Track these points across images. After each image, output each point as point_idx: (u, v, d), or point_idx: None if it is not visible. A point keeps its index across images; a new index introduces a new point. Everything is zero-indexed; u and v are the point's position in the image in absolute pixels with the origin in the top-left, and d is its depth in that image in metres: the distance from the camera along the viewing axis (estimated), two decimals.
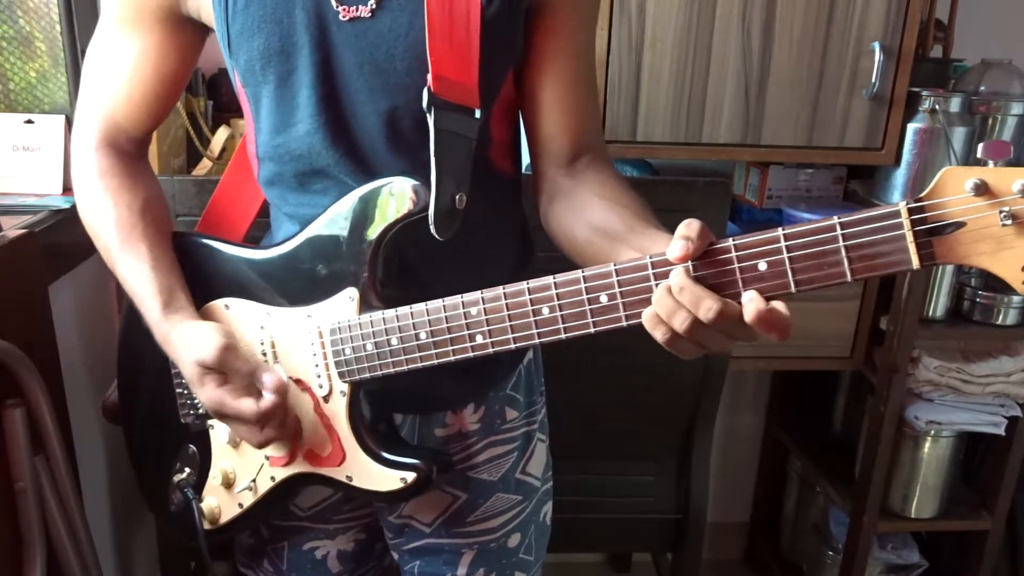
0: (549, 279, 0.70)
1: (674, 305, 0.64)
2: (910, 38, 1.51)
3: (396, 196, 0.78)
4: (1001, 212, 0.55)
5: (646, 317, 0.66)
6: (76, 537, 1.10)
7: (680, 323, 0.63)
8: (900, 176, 1.62)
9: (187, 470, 0.94)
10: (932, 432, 1.69)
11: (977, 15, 1.80)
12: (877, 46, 1.50)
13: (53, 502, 1.06)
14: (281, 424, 0.83)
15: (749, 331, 0.63)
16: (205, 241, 0.92)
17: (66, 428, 1.15)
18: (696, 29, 1.49)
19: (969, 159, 1.58)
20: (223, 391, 0.81)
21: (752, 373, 2.12)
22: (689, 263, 0.64)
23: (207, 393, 0.82)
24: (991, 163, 0.57)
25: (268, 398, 0.81)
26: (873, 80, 1.52)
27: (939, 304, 1.63)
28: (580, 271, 0.69)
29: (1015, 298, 1.60)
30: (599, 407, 1.53)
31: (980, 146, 0.58)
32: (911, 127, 1.58)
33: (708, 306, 0.62)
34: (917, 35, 1.52)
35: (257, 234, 1.01)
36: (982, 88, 1.65)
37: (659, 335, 0.66)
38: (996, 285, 1.63)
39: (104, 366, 1.49)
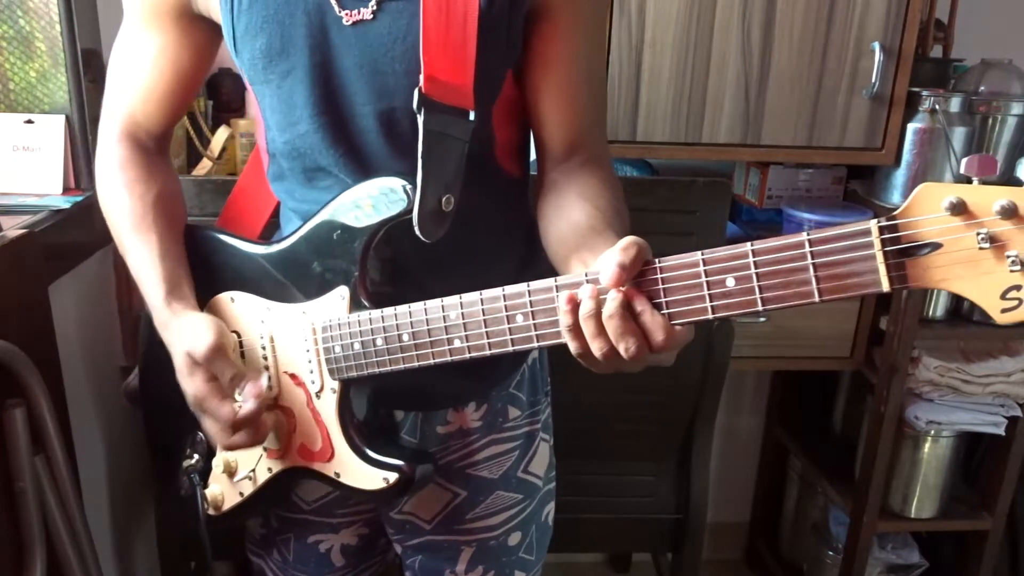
0: (523, 286, 0.69)
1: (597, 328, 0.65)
2: (910, 38, 1.51)
3: (382, 197, 0.78)
4: (979, 234, 0.51)
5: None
6: (76, 537, 1.10)
7: (598, 348, 0.65)
8: (900, 176, 1.62)
9: (195, 456, 0.96)
10: (932, 432, 1.69)
11: (977, 15, 1.80)
12: (877, 46, 1.50)
13: (53, 502, 1.06)
14: (253, 433, 0.84)
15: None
16: (216, 235, 0.94)
17: (66, 428, 1.15)
18: (696, 29, 1.49)
19: None
20: (207, 388, 0.82)
21: (752, 373, 2.12)
22: (660, 274, 0.64)
23: (192, 386, 0.83)
24: (975, 179, 0.53)
25: (247, 407, 0.82)
26: (873, 80, 1.52)
27: (939, 304, 1.63)
28: (553, 279, 0.68)
29: None
30: (599, 407, 1.53)
31: (964, 161, 0.54)
32: (911, 127, 1.58)
33: (626, 346, 0.64)
34: (917, 35, 1.52)
35: (271, 234, 1.02)
36: (982, 88, 1.65)
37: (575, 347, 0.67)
38: None
39: (104, 366, 1.49)
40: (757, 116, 1.55)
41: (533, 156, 0.95)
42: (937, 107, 1.56)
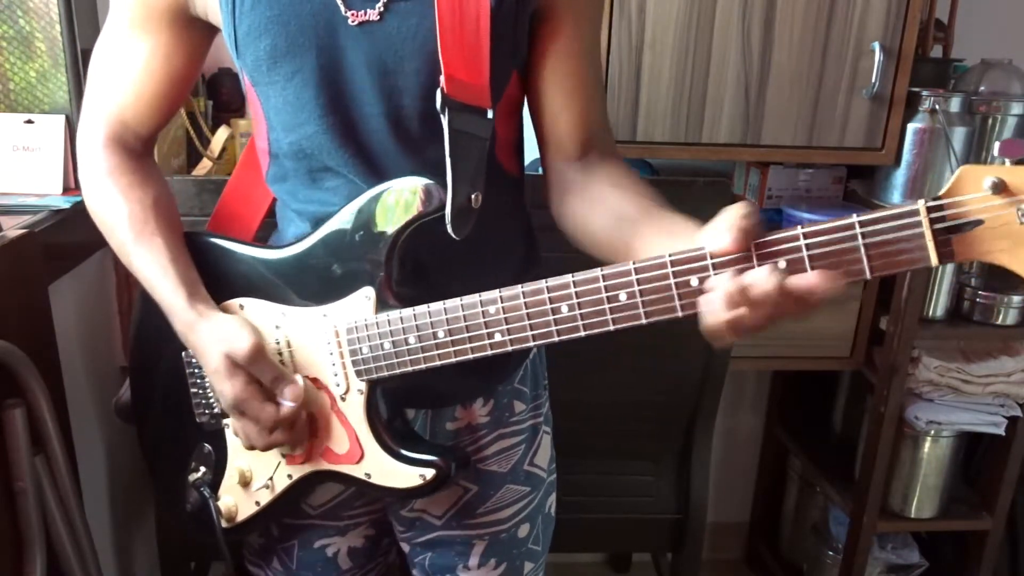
0: (568, 277, 0.71)
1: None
2: (910, 38, 1.51)
3: (412, 195, 0.78)
4: (1019, 209, 0.56)
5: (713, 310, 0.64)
6: (76, 537, 1.10)
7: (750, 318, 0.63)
8: (900, 176, 1.62)
9: (203, 469, 0.94)
10: (932, 432, 1.69)
11: (977, 15, 1.80)
12: (877, 46, 1.50)
13: (53, 502, 1.06)
14: (288, 430, 0.84)
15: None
16: (217, 241, 0.92)
17: (66, 428, 1.15)
18: (696, 29, 1.50)
19: (969, 159, 1.58)
20: (249, 390, 0.82)
21: (752, 373, 2.13)
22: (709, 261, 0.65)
23: (233, 388, 0.82)
24: (1007, 161, 0.58)
25: (287, 407, 0.82)
26: (873, 80, 1.52)
27: (939, 304, 1.63)
28: (599, 270, 0.69)
29: (1015, 298, 1.60)
30: (599, 407, 1.53)
31: (996, 144, 0.59)
32: (911, 127, 1.58)
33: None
34: (917, 35, 1.52)
35: (265, 234, 1.01)
36: (982, 88, 1.65)
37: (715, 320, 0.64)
38: (996, 285, 1.63)
39: (104, 366, 1.49)
40: (757, 116, 1.55)
41: (531, 157, 0.95)
42: (937, 107, 1.56)
